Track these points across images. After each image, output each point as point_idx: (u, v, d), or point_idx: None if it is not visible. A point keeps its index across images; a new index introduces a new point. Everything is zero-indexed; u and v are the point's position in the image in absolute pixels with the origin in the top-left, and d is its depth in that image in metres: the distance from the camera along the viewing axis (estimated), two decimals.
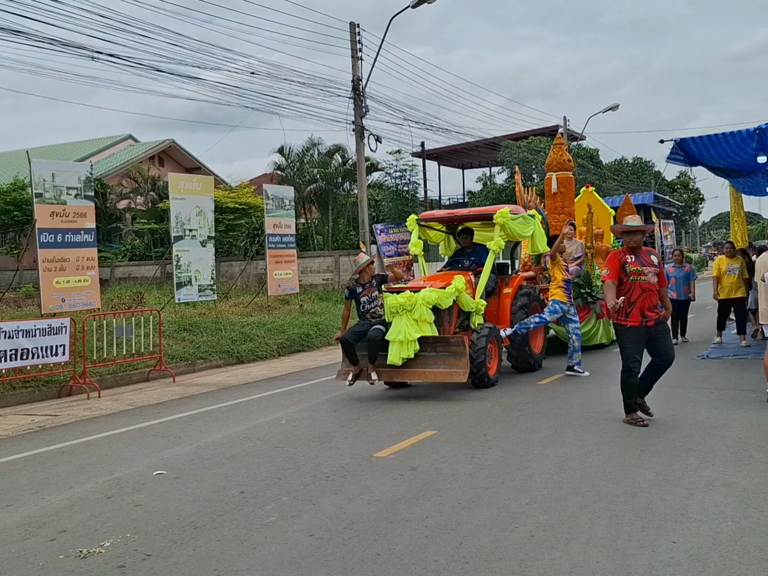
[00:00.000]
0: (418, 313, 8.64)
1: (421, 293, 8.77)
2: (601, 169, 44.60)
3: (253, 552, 4.13)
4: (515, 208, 10.76)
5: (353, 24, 20.86)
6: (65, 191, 11.26)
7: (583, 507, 4.67)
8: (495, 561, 3.89)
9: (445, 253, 11.48)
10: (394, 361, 8.60)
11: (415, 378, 8.96)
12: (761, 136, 9.99)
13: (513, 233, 10.16)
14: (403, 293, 8.83)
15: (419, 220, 10.95)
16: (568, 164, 14.25)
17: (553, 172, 14.13)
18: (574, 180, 14.59)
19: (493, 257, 9.89)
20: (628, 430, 6.71)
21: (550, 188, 14.10)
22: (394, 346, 8.60)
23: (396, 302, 8.72)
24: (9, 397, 9.47)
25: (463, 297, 9.24)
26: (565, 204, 14.04)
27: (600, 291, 12.37)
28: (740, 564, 3.76)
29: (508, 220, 9.90)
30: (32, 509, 5.07)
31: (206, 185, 15.05)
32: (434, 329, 8.87)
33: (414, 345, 8.59)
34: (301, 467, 5.84)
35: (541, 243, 10.84)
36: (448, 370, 8.56)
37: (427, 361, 8.71)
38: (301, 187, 30.21)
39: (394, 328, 8.67)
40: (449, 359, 8.63)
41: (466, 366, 8.50)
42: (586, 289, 12.55)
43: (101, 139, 41.04)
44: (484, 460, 5.87)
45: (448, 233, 11.37)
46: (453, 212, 11.29)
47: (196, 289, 14.27)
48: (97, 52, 15.45)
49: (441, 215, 11.28)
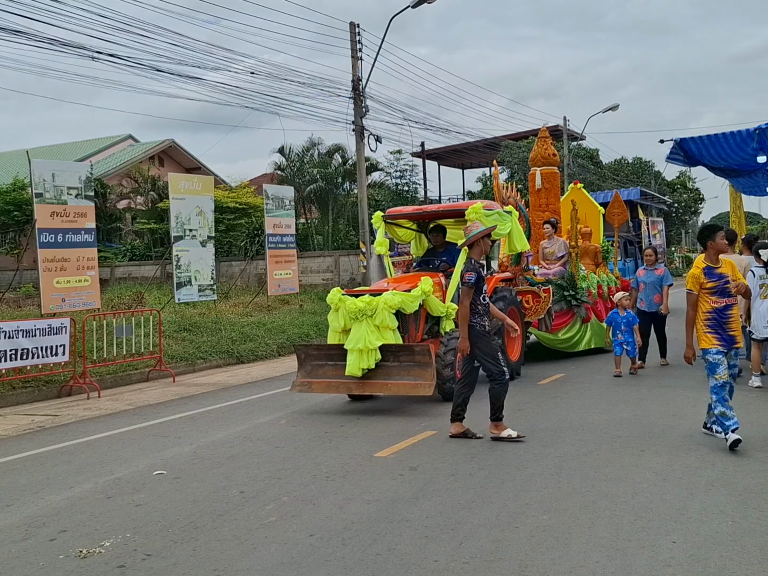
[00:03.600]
0: (379, 319, 7.93)
1: (383, 297, 8.02)
2: (601, 169, 44.59)
3: (253, 552, 4.13)
4: (489, 203, 10.08)
5: (353, 24, 20.86)
6: (65, 191, 11.26)
7: (583, 507, 4.67)
8: (495, 561, 3.89)
9: (417, 253, 10.79)
10: (352, 372, 7.88)
11: (376, 391, 8.06)
12: (761, 136, 9.99)
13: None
14: (363, 297, 8.12)
15: (386, 217, 10.23)
16: (553, 159, 13.55)
17: (537, 167, 13.45)
18: (560, 175, 13.86)
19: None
20: (628, 430, 6.71)
21: (534, 184, 13.43)
22: (353, 356, 7.89)
23: (355, 307, 8.01)
24: (9, 397, 9.47)
25: (432, 300, 8.51)
26: (549, 201, 13.39)
27: (585, 293, 11.97)
28: (740, 564, 3.76)
29: (482, 216, 9.09)
30: (32, 509, 5.07)
31: (206, 185, 15.05)
32: (398, 336, 8.15)
33: (375, 354, 7.86)
34: (301, 467, 5.84)
35: (519, 241, 10.20)
36: (413, 382, 7.78)
37: (390, 372, 7.93)
38: (301, 187, 30.20)
39: (353, 336, 7.96)
40: (414, 370, 7.85)
41: (431, 378, 7.71)
42: (569, 291, 11.84)
43: (101, 139, 41.01)
44: (484, 460, 5.87)
45: (419, 231, 10.68)
46: (422, 208, 10.55)
47: (196, 289, 14.27)
48: (98, 52, 15.45)
49: (409, 211, 10.52)
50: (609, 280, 13.28)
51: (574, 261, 12.11)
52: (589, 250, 13.44)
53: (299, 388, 8.33)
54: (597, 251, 13.61)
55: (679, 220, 50.16)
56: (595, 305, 12.43)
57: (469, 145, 37.03)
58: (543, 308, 10.83)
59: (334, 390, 8.22)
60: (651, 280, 10.53)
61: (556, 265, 12.32)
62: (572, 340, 11.81)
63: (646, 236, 20.02)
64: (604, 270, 13.56)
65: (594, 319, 12.29)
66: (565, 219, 13.08)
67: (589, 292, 12.17)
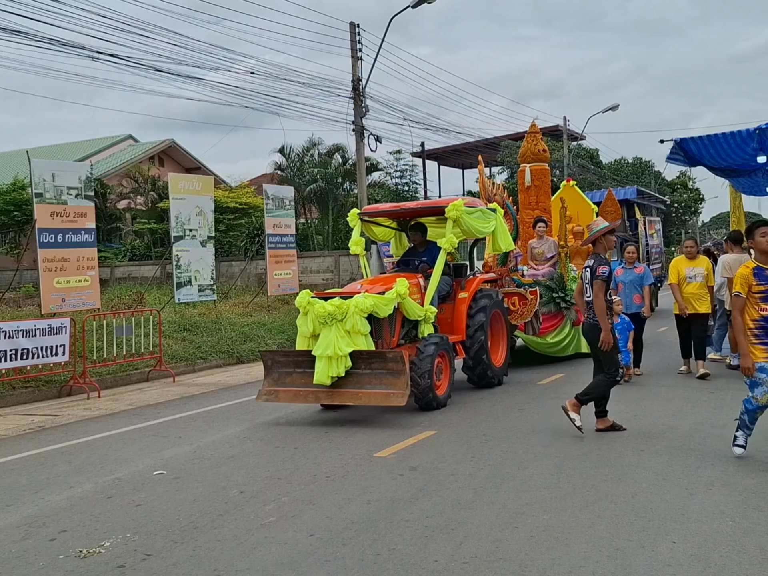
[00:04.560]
0: (350, 324, 7.42)
1: (354, 299, 7.51)
2: (601, 169, 44.59)
3: (253, 552, 4.13)
4: (472, 200, 9.61)
5: (353, 24, 20.87)
6: (65, 191, 11.26)
7: (583, 507, 4.67)
8: (495, 561, 3.89)
9: (397, 252, 10.23)
10: (321, 380, 7.38)
11: (346, 400, 7.53)
12: (761, 136, 9.98)
13: (469, 229, 9.04)
14: (333, 300, 7.60)
15: (362, 215, 9.69)
16: (543, 155, 12.94)
17: (526, 164, 12.89)
18: (550, 172, 13.31)
19: (444, 257, 8.66)
20: (628, 430, 6.71)
21: (523, 181, 12.91)
22: (321, 363, 7.39)
23: (324, 310, 7.50)
24: (9, 397, 9.47)
25: (408, 303, 8.00)
26: (540, 198, 12.83)
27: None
28: (740, 564, 3.76)
29: (462, 213, 8.70)
30: (32, 509, 5.07)
31: (206, 185, 15.05)
32: (370, 342, 7.62)
33: (345, 361, 7.35)
34: (301, 467, 5.84)
35: (504, 240, 9.68)
36: (385, 391, 7.28)
37: (361, 380, 7.44)
38: (301, 187, 30.21)
39: (322, 341, 7.46)
40: (386, 378, 7.34)
41: (405, 386, 7.21)
42: (559, 293, 11.30)
43: (101, 139, 41.01)
44: (484, 460, 5.87)
45: (399, 230, 10.16)
46: (399, 205, 9.93)
47: (196, 289, 14.27)
48: (98, 52, 15.47)
49: (386, 209, 9.95)
50: None
51: (563, 261, 11.67)
52: (582, 250, 12.83)
53: (265, 397, 7.79)
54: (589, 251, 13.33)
55: (679, 220, 50.17)
56: None
57: (469, 145, 36.98)
58: (530, 311, 10.40)
59: (301, 399, 7.70)
60: (630, 279, 9.78)
61: (545, 265, 11.84)
62: (561, 344, 11.27)
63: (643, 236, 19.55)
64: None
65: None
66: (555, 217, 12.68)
67: None
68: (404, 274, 8.57)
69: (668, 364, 10.64)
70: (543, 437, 6.55)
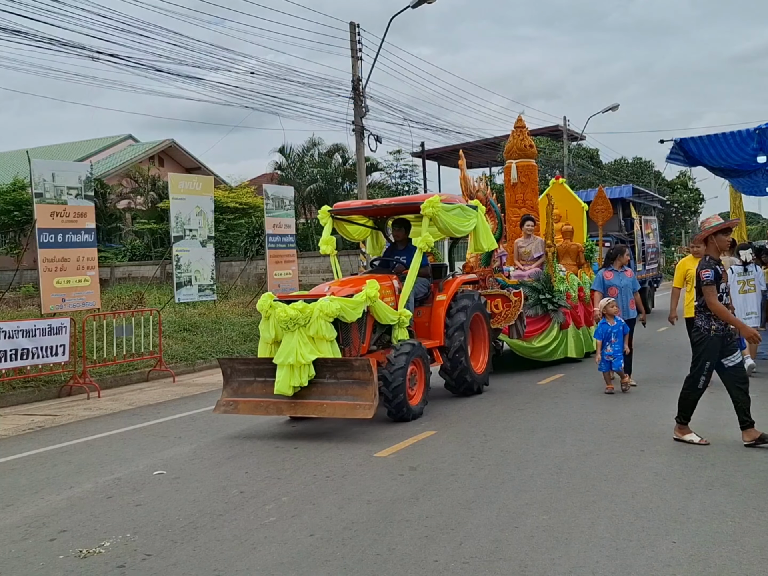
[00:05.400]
0: (314, 329, 6.88)
1: (318, 303, 6.96)
2: (601, 169, 44.61)
3: (253, 552, 4.13)
4: (450, 196, 9.03)
5: (353, 24, 20.87)
6: (65, 191, 11.25)
7: (583, 507, 4.67)
8: (495, 561, 3.89)
9: (374, 252, 9.70)
10: (282, 390, 6.83)
11: (309, 412, 6.96)
12: (761, 136, 9.99)
13: (447, 227, 8.50)
14: (295, 303, 7.04)
15: (334, 212, 9.12)
16: (530, 150, 12.38)
17: (512, 160, 12.28)
18: (537, 168, 12.78)
19: (420, 257, 8.12)
20: (628, 430, 6.72)
21: (509, 178, 12.30)
22: (282, 371, 6.84)
23: (285, 315, 6.95)
24: (9, 397, 9.47)
25: (379, 306, 7.46)
26: (526, 196, 12.26)
27: (563, 297, 10.97)
28: (740, 564, 3.76)
29: (440, 210, 8.17)
30: (32, 509, 5.07)
31: (206, 185, 15.04)
32: (336, 349, 7.08)
33: (308, 370, 6.81)
34: (301, 467, 5.84)
35: (486, 239, 9.14)
36: (351, 403, 6.75)
37: (326, 390, 6.90)
38: (301, 187, 30.23)
39: (284, 349, 6.91)
40: (353, 388, 6.81)
41: (372, 397, 6.66)
42: (545, 295, 10.78)
43: (101, 139, 41.00)
44: (484, 460, 5.87)
45: (376, 228, 9.65)
46: (372, 202, 9.38)
47: (196, 289, 14.26)
48: (98, 52, 15.48)
49: (358, 205, 9.37)
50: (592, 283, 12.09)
51: (550, 261, 11.16)
52: (571, 250, 12.64)
53: (224, 408, 7.20)
54: (579, 251, 12.80)
55: (679, 220, 50.17)
56: (574, 310, 11.45)
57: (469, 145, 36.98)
58: (514, 313, 9.85)
59: (262, 411, 7.14)
60: (625, 283, 9.23)
61: (532, 266, 11.37)
62: (548, 348, 10.72)
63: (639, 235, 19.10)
64: (587, 271, 12.78)
65: (573, 325, 11.31)
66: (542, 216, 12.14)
67: (568, 296, 11.26)
68: (377, 276, 8.11)
69: (668, 364, 10.65)
70: (543, 437, 6.55)
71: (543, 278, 10.99)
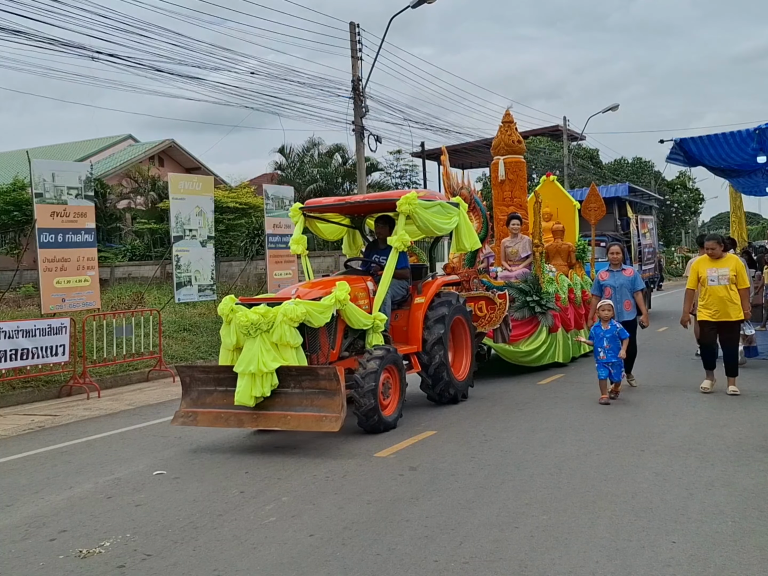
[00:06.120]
0: (277, 335, 6.41)
1: (282, 307, 6.48)
2: (601, 169, 44.63)
3: (253, 552, 4.13)
4: (430, 193, 8.59)
5: (353, 24, 20.88)
6: (65, 191, 11.24)
7: (583, 507, 4.67)
8: (495, 561, 3.89)
9: (350, 252, 9.19)
10: (242, 400, 6.36)
11: (272, 424, 6.47)
12: (761, 136, 10.00)
13: (426, 225, 7.97)
14: (257, 307, 6.57)
15: (305, 209, 8.54)
16: (518, 146, 11.89)
17: (500, 156, 11.81)
18: (526, 165, 12.31)
19: (396, 257, 7.64)
20: (628, 430, 6.71)
21: (496, 175, 11.86)
22: (243, 380, 6.38)
23: (246, 319, 6.49)
24: (9, 397, 9.47)
25: (350, 310, 6.96)
26: (515, 194, 11.76)
27: (551, 299, 10.64)
28: (740, 564, 3.76)
29: (417, 207, 7.67)
30: (32, 509, 5.07)
31: (206, 185, 15.03)
32: (301, 356, 6.61)
33: (271, 379, 6.35)
34: (301, 467, 5.84)
35: (469, 238, 8.63)
36: (317, 414, 6.25)
37: (290, 400, 6.42)
38: (301, 187, 30.27)
39: (245, 356, 6.45)
40: (318, 399, 6.32)
41: (339, 408, 6.17)
42: (533, 297, 10.35)
43: (101, 139, 40.99)
44: (484, 460, 5.87)
45: (353, 227, 9.14)
46: (345, 198, 8.81)
47: (196, 289, 14.24)
48: (98, 52, 15.49)
49: (331, 202, 8.73)
50: (584, 284, 12.08)
51: (538, 262, 10.71)
52: (561, 250, 12.23)
53: (182, 420, 6.73)
54: (570, 251, 12.39)
55: (679, 220, 50.20)
56: (564, 312, 11.03)
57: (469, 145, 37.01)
58: (498, 316, 9.35)
59: (222, 423, 6.64)
60: (621, 283, 8.66)
61: (519, 266, 10.95)
62: (537, 353, 10.25)
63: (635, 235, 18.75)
64: (579, 272, 12.42)
65: (562, 329, 10.87)
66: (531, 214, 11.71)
67: (557, 297, 10.83)
68: (350, 277, 7.69)
69: (668, 364, 10.65)
70: (543, 437, 6.55)
71: (531, 279, 10.61)
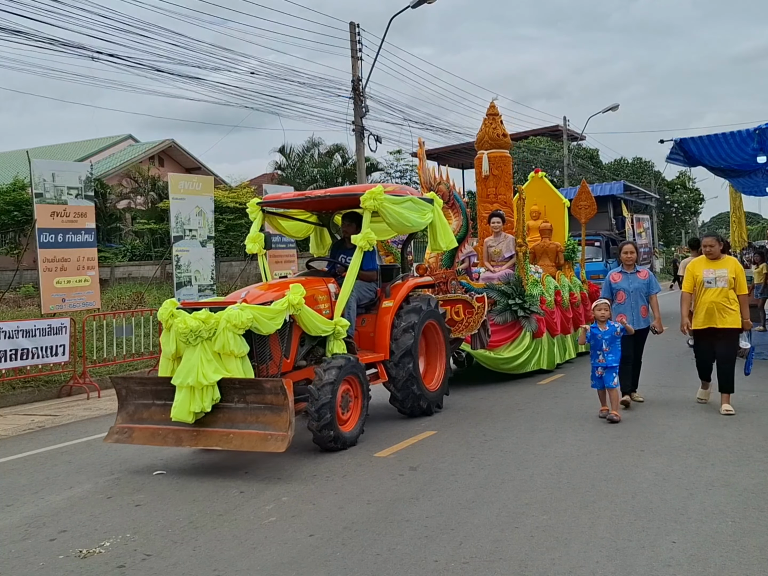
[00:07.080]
0: (219, 343, 5.78)
1: (226, 312, 5.83)
2: (601, 169, 44.62)
3: (253, 552, 4.13)
4: (400, 188, 8.03)
5: (353, 24, 20.88)
6: (65, 191, 11.25)
7: (583, 507, 4.67)
8: (495, 561, 3.89)
9: (318, 252, 8.51)
10: (180, 416, 5.75)
11: (212, 444, 5.79)
12: (761, 136, 10.01)
13: (398, 222, 7.27)
14: (198, 312, 5.92)
15: (264, 205, 7.83)
16: (503, 140, 11.23)
17: (484, 150, 11.20)
18: (511, 160, 11.66)
19: (360, 256, 6.98)
20: (628, 430, 6.71)
21: (480, 170, 11.25)
22: (181, 394, 5.76)
23: (185, 326, 5.83)
24: (9, 397, 9.47)
25: (306, 315, 6.28)
26: (499, 190, 11.15)
27: (536, 302, 10.11)
28: (740, 564, 3.76)
29: (384, 202, 6.98)
30: (32, 509, 5.07)
31: (206, 185, 15.04)
32: (248, 367, 5.95)
33: (212, 392, 5.72)
34: (301, 467, 5.84)
35: (444, 237, 7.94)
36: (262, 432, 5.62)
37: (234, 417, 5.80)
38: (301, 187, 30.24)
39: (183, 367, 5.84)
40: (264, 415, 5.69)
41: (286, 426, 5.54)
42: (516, 300, 9.77)
43: (101, 139, 40.99)
44: (484, 460, 5.87)
45: (320, 225, 8.46)
46: (305, 193, 8.14)
47: (196, 289, 14.24)
48: (98, 52, 15.49)
49: (288, 197, 7.95)
50: (572, 285, 11.60)
51: (521, 262, 10.15)
52: (549, 249, 11.76)
53: (116, 437, 6.11)
54: (558, 251, 11.90)
55: (679, 220, 50.19)
56: (549, 316, 10.48)
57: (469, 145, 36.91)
58: (477, 321, 8.73)
59: (160, 441, 5.98)
60: (636, 286, 7.69)
61: (503, 267, 10.45)
62: (519, 360, 9.64)
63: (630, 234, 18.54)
64: (567, 273, 11.92)
65: (547, 333, 10.33)
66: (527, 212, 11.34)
67: (542, 300, 10.31)
68: (309, 279, 7.16)
69: (668, 366, 10.65)
70: (543, 437, 6.55)
71: (513, 281, 10.03)
